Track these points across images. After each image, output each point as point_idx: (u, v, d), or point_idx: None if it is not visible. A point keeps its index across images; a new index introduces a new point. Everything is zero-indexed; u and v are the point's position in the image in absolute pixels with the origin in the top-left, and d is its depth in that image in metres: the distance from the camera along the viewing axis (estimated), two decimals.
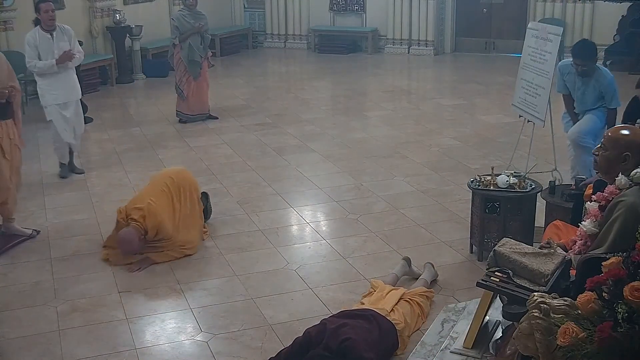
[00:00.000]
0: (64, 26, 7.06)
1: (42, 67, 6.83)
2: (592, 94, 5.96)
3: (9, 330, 4.46)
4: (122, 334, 4.41)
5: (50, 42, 6.88)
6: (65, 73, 7.04)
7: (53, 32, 6.91)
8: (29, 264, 5.40)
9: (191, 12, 9.31)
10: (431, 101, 10.71)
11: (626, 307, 2.56)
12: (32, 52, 6.81)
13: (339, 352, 3.67)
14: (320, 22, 15.26)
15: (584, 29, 13.01)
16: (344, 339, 3.71)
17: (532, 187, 5.25)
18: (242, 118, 9.66)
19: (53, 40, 6.90)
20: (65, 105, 7.13)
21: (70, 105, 7.17)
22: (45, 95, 7.05)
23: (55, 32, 6.93)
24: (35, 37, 6.84)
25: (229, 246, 5.63)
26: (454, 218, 6.09)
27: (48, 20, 6.84)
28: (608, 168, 3.47)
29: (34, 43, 6.81)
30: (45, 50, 6.84)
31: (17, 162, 5.83)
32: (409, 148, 8.18)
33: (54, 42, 6.89)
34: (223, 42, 14.76)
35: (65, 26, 7.09)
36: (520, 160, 6.88)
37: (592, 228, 3.45)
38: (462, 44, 14.61)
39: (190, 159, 7.96)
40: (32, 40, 6.82)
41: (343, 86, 11.82)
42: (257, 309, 4.66)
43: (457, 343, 3.98)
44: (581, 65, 5.90)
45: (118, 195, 6.75)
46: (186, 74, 9.32)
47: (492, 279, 3.57)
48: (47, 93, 7.03)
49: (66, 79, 7.07)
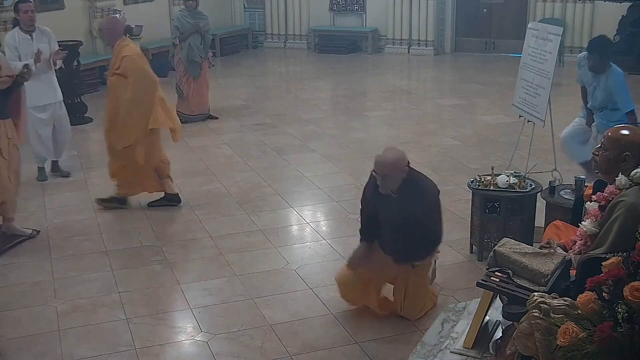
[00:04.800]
0: (43, 27, 6.97)
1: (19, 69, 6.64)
2: (602, 92, 5.95)
3: (9, 330, 4.46)
4: (122, 334, 4.41)
5: (30, 43, 6.77)
6: (45, 75, 6.89)
7: (33, 33, 6.81)
8: (29, 264, 5.40)
9: (191, 12, 9.32)
10: (431, 101, 10.72)
11: (626, 307, 2.56)
12: (12, 54, 6.63)
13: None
14: (320, 22, 15.26)
15: (584, 29, 13.03)
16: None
17: (532, 187, 5.25)
18: (242, 118, 9.66)
19: (33, 41, 6.79)
20: (45, 108, 6.99)
21: (49, 108, 7.02)
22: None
23: (35, 33, 6.83)
24: (14, 38, 6.72)
25: (229, 246, 5.63)
26: (454, 218, 6.09)
27: (28, 20, 6.74)
28: (608, 168, 3.47)
29: (14, 44, 6.69)
30: (25, 52, 6.70)
31: (16, 162, 5.79)
32: (409, 148, 8.12)
33: (34, 43, 6.78)
34: (223, 42, 14.76)
35: (45, 28, 7.00)
36: (520, 160, 6.88)
37: (592, 228, 3.44)
38: (462, 44, 14.60)
39: (190, 159, 7.96)
40: (11, 42, 6.69)
41: (343, 86, 11.83)
42: (257, 309, 4.66)
43: (457, 343, 3.98)
44: (592, 60, 5.93)
45: None
46: (186, 74, 9.32)
47: (492, 279, 3.57)
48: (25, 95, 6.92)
49: (46, 80, 6.92)
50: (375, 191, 4.31)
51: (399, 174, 4.20)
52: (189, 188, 6.95)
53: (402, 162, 4.22)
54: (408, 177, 4.24)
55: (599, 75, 5.97)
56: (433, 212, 4.35)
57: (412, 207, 4.20)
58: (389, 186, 4.23)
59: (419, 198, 4.23)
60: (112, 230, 6.00)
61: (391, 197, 4.26)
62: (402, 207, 4.22)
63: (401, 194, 4.23)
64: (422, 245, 4.34)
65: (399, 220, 4.23)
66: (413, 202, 4.20)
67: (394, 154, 4.24)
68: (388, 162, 4.19)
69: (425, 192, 4.30)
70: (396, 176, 4.20)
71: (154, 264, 5.35)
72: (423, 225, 4.25)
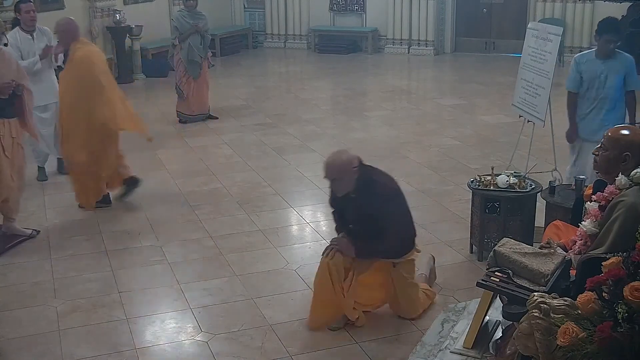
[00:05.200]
0: (44, 28, 7.00)
1: (26, 66, 6.53)
2: (617, 76, 5.81)
3: (9, 330, 4.46)
4: (122, 334, 4.41)
5: (32, 43, 6.81)
6: (46, 74, 6.94)
7: (33, 32, 6.85)
8: (29, 264, 5.40)
9: (190, 12, 9.32)
10: (431, 101, 10.72)
11: (626, 307, 2.56)
12: (15, 53, 6.57)
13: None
14: (320, 22, 15.26)
15: (584, 29, 13.03)
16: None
17: (532, 187, 5.25)
18: (242, 118, 9.66)
19: (34, 41, 6.83)
20: (46, 108, 7.01)
21: (50, 108, 7.03)
22: None
23: (36, 33, 6.87)
24: (16, 38, 6.76)
25: (229, 246, 5.63)
26: (454, 218, 6.09)
27: (29, 20, 6.79)
28: (608, 168, 3.47)
29: (15, 44, 6.72)
30: (27, 51, 6.76)
31: (20, 161, 5.77)
32: (409, 148, 8.18)
33: (35, 43, 6.82)
34: (223, 42, 14.76)
35: (45, 28, 7.02)
36: (520, 160, 6.88)
37: (592, 228, 3.44)
38: (462, 44, 14.61)
39: (190, 159, 7.96)
40: (13, 41, 6.69)
41: (343, 86, 11.83)
42: (257, 309, 4.66)
43: (457, 343, 3.98)
44: (614, 42, 5.82)
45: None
46: (186, 74, 9.32)
47: (492, 279, 3.57)
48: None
49: (46, 80, 6.96)
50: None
51: (349, 176, 4.20)
52: (189, 188, 6.95)
53: (349, 165, 4.21)
54: (362, 176, 4.23)
55: (608, 60, 5.86)
56: (394, 207, 4.30)
57: (371, 204, 4.20)
58: (342, 189, 4.26)
59: (376, 195, 4.22)
60: (112, 230, 6.00)
61: (350, 197, 4.27)
62: (361, 205, 4.23)
63: (358, 193, 4.24)
64: (390, 242, 4.29)
65: (361, 218, 4.28)
66: (371, 200, 4.20)
67: (340, 157, 4.24)
68: (335, 166, 4.21)
69: (381, 188, 4.27)
70: (346, 179, 4.20)
71: (154, 264, 5.35)
72: (386, 221, 4.23)
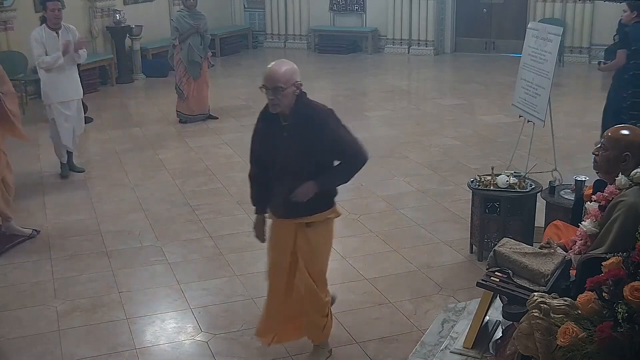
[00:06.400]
0: (69, 26, 7.16)
1: (49, 62, 6.89)
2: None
3: (9, 330, 4.47)
4: (122, 334, 4.41)
5: (56, 40, 6.98)
6: (69, 71, 7.13)
7: (59, 30, 7.01)
8: (29, 264, 5.40)
9: (190, 12, 9.32)
10: (431, 101, 10.72)
11: (626, 307, 2.56)
12: (40, 49, 6.92)
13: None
14: (320, 22, 15.26)
15: (584, 29, 13.03)
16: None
17: (532, 187, 5.25)
18: (242, 118, 9.65)
19: (59, 37, 6.99)
20: (68, 105, 7.20)
21: (72, 104, 7.24)
22: (49, 93, 7.09)
23: (61, 31, 7.02)
24: (41, 34, 6.95)
25: (229, 246, 5.63)
26: (454, 218, 6.09)
27: (54, 18, 6.95)
28: (608, 168, 3.47)
29: (41, 40, 6.93)
30: (51, 48, 6.94)
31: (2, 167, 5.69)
32: (409, 148, 8.18)
33: (60, 40, 6.98)
34: (223, 42, 14.76)
35: (70, 26, 7.19)
36: (520, 160, 6.87)
37: (592, 228, 3.45)
38: (462, 44, 14.60)
39: (190, 159, 7.96)
40: (38, 37, 6.93)
41: (343, 86, 11.82)
42: (257, 309, 4.65)
43: (457, 343, 3.98)
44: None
45: (118, 195, 6.77)
46: (186, 74, 9.32)
47: (492, 279, 3.57)
48: (51, 91, 7.08)
49: (70, 76, 7.16)
50: (266, 122, 3.92)
51: (291, 88, 3.78)
52: (189, 188, 6.96)
53: (294, 74, 3.82)
54: (300, 100, 3.84)
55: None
56: (330, 137, 3.84)
57: (305, 133, 3.79)
58: (280, 103, 3.76)
59: (312, 122, 3.81)
60: (112, 230, 6.00)
61: (282, 126, 3.83)
62: (295, 134, 3.81)
63: (293, 118, 3.82)
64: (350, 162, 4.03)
65: (292, 152, 3.82)
66: (306, 127, 3.79)
67: (285, 64, 3.83)
68: (280, 72, 3.75)
69: (318, 114, 3.85)
70: (288, 90, 3.76)
71: (154, 264, 5.36)
72: (320, 154, 3.84)
